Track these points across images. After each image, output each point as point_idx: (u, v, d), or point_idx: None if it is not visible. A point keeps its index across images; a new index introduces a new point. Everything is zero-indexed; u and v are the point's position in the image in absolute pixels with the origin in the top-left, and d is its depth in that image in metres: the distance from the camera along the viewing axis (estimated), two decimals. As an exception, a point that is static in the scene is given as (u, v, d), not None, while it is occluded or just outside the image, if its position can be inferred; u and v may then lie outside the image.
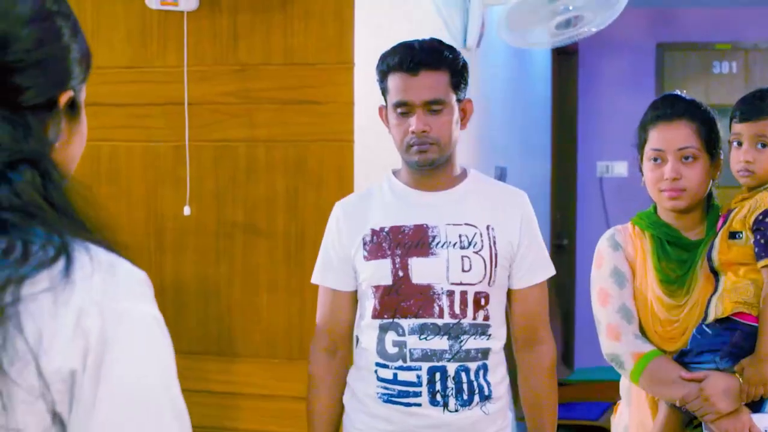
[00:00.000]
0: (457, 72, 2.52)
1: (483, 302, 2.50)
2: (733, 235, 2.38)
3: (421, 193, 2.57)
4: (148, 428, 1.07)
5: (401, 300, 2.49)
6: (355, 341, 2.66)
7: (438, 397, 2.47)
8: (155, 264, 3.38)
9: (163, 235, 3.42)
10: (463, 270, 2.49)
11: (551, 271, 2.63)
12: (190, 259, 3.40)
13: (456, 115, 2.53)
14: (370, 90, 2.87)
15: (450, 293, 2.48)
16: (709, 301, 2.39)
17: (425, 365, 2.47)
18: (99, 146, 3.43)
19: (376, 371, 2.52)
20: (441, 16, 3.88)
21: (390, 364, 2.50)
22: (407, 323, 2.48)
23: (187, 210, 3.34)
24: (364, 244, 2.54)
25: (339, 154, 3.22)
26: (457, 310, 2.48)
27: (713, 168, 2.49)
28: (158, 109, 3.41)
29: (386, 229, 2.53)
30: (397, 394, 2.49)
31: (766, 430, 2.33)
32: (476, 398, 2.48)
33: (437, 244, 2.50)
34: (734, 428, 2.32)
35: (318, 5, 3.26)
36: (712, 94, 6.77)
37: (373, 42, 3.24)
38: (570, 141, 7.00)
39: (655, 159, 2.48)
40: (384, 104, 2.58)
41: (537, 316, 2.62)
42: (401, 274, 2.49)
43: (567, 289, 6.86)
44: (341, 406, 2.63)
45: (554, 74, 6.61)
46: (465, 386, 2.47)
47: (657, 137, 2.47)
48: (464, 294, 2.49)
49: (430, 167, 2.52)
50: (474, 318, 2.49)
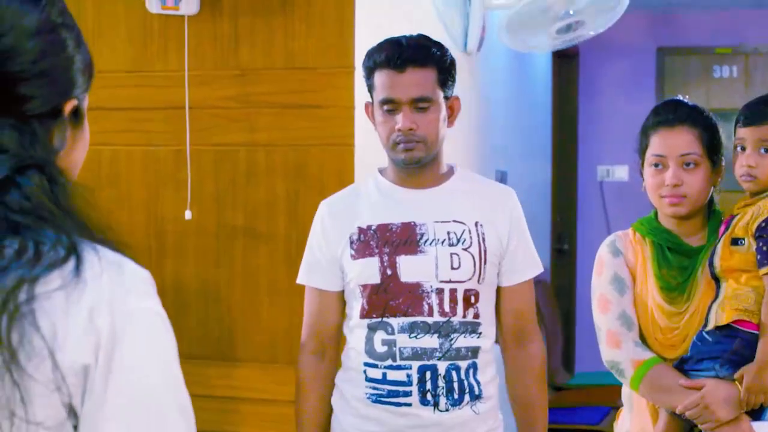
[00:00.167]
0: (445, 69, 2.48)
1: (473, 300, 2.48)
2: (736, 242, 2.36)
3: (408, 191, 2.53)
4: (154, 417, 1.12)
5: (390, 299, 2.45)
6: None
7: (428, 397, 2.43)
8: (156, 268, 3.38)
9: (164, 239, 3.42)
10: (452, 267, 2.46)
11: (540, 268, 2.61)
12: (191, 263, 3.40)
13: (443, 113, 2.49)
14: (371, 94, 2.87)
15: (439, 291, 2.45)
16: (710, 308, 2.37)
17: (416, 364, 2.43)
18: (100, 150, 3.43)
19: (365, 371, 2.49)
20: (442, 20, 3.88)
21: (379, 364, 2.46)
22: (397, 322, 2.44)
23: (189, 214, 3.34)
24: (351, 243, 2.50)
25: (339, 158, 3.22)
26: (447, 308, 2.45)
27: (715, 174, 2.47)
28: (159, 113, 3.41)
29: (373, 227, 2.50)
30: (387, 394, 2.46)
31: None
32: (467, 397, 2.45)
33: (425, 242, 2.47)
34: None
35: (319, 9, 3.26)
36: (713, 99, 6.77)
37: (374, 46, 3.24)
38: (570, 145, 7.00)
39: (656, 165, 2.46)
40: (370, 101, 2.54)
41: (526, 314, 2.59)
42: (389, 273, 2.46)
43: (567, 293, 6.85)
44: (330, 408, 2.60)
45: (555, 78, 6.61)
46: (455, 385, 2.44)
47: (658, 143, 2.46)
48: (454, 292, 2.46)
49: (417, 165, 2.49)
50: (464, 316, 2.46)
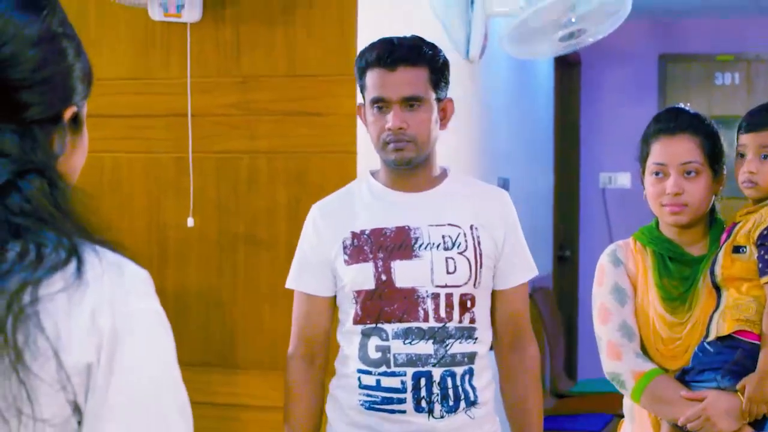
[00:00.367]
0: (437, 69, 2.45)
1: (469, 304, 2.44)
2: (737, 250, 2.34)
3: (402, 194, 2.49)
4: (154, 415, 1.15)
5: (385, 305, 2.42)
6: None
7: (423, 404, 2.40)
8: (158, 275, 3.37)
9: (166, 246, 3.42)
10: (448, 272, 2.42)
11: (534, 272, 2.58)
12: (193, 270, 3.40)
13: (435, 114, 2.45)
14: (373, 102, 2.87)
15: (435, 296, 2.41)
16: (711, 318, 2.35)
17: (410, 370, 2.40)
18: (102, 157, 3.43)
19: (359, 378, 2.45)
20: (444, 28, 3.89)
21: (373, 370, 2.43)
22: (391, 328, 2.41)
23: (191, 221, 3.34)
24: (345, 248, 2.46)
25: (341, 166, 3.22)
26: (443, 314, 2.41)
27: (716, 183, 2.45)
28: (161, 121, 3.41)
29: (367, 232, 2.45)
30: (381, 401, 2.42)
31: None
32: (462, 404, 2.42)
33: (420, 246, 2.43)
34: None
35: (321, 17, 3.27)
36: (715, 106, 6.77)
37: (376, 54, 3.24)
38: (573, 152, 7.00)
39: (657, 173, 2.44)
40: (363, 103, 2.50)
41: (521, 318, 2.57)
42: (384, 278, 2.42)
43: (570, 300, 6.85)
44: (320, 416, 2.56)
45: (557, 85, 6.61)
46: (450, 392, 2.41)
47: (659, 151, 2.44)
48: (449, 296, 2.42)
49: (407, 166, 2.44)
50: (460, 321, 2.43)
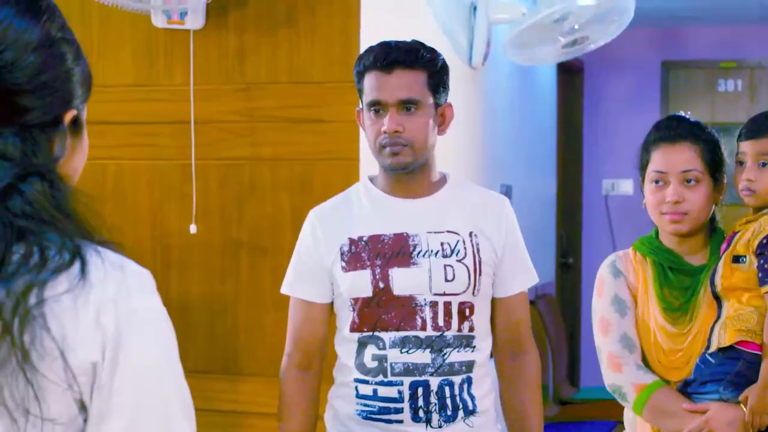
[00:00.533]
0: (435, 73, 2.41)
1: (468, 313, 2.41)
2: (737, 259, 2.32)
3: (400, 200, 2.45)
4: (157, 410, 1.18)
5: (382, 312, 2.38)
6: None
7: (420, 413, 2.37)
8: (161, 281, 3.34)
9: (169, 253, 3.42)
10: (447, 280, 2.39)
11: (535, 279, 2.55)
12: (196, 277, 3.40)
13: (432, 118, 2.41)
14: (376, 109, 2.87)
15: (433, 304, 2.38)
16: (712, 329, 2.33)
17: (407, 380, 2.37)
18: (105, 164, 3.43)
19: (356, 387, 2.42)
20: (446, 35, 3.89)
21: (370, 380, 2.40)
22: (388, 336, 2.37)
23: (194, 228, 3.34)
24: (342, 255, 2.42)
25: (344, 173, 3.22)
26: (441, 322, 2.38)
27: (716, 191, 2.43)
28: (164, 128, 3.42)
29: (365, 239, 2.41)
30: (378, 411, 2.39)
31: None
32: (460, 413, 2.39)
33: (419, 254, 2.39)
34: None
35: (324, 24, 3.27)
36: (718, 112, 6.78)
37: (379, 61, 3.25)
38: (575, 159, 7.00)
39: (657, 181, 2.42)
40: (361, 108, 2.47)
41: (522, 325, 2.54)
42: (382, 286, 2.38)
43: (572, 308, 6.84)
44: (314, 423, 2.53)
45: (560, 92, 6.61)
46: (448, 401, 2.38)
47: (659, 159, 2.42)
48: (448, 305, 2.39)
49: (404, 171, 2.41)
50: (459, 329, 2.39)
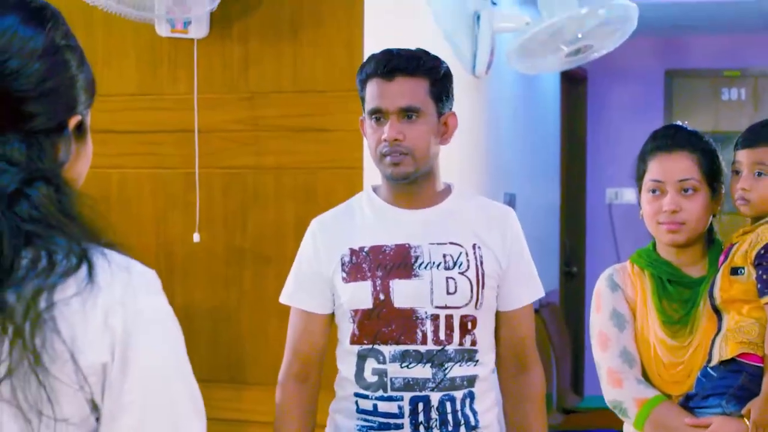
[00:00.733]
0: (438, 81, 2.37)
1: (470, 326, 2.36)
2: (735, 271, 2.29)
3: (403, 211, 2.40)
4: (167, 406, 1.20)
5: (382, 325, 2.34)
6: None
7: (421, 429, 2.32)
8: (164, 290, 3.36)
9: (172, 262, 3.42)
10: (448, 292, 2.34)
11: (541, 292, 2.49)
12: (199, 286, 3.40)
13: (434, 127, 2.37)
14: (380, 117, 2.87)
15: (434, 317, 2.33)
16: (713, 342, 2.30)
17: (407, 395, 2.32)
18: (109, 173, 3.44)
19: (357, 402, 2.38)
20: (450, 43, 3.89)
21: (370, 394, 2.35)
22: (388, 350, 2.33)
23: (197, 237, 3.35)
24: (343, 265, 2.37)
25: (348, 182, 3.22)
26: (442, 336, 2.33)
27: (714, 202, 2.40)
28: (168, 137, 3.42)
29: (366, 249, 2.37)
30: (378, 427, 2.35)
31: None
32: (462, 429, 2.34)
33: (420, 265, 2.35)
34: None
35: (328, 33, 3.27)
36: (721, 121, 6.78)
37: (383, 70, 3.25)
38: (579, 167, 7.00)
39: (654, 190, 2.41)
40: (364, 117, 2.43)
41: (526, 340, 2.48)
42: (382, 298, 2.34)
43: (576, 316, 6.83)
44: None
45: (563, 101, 6.62)
46: (450, 417, 2.33)
47: (656, 168, 2.40)
48: (449, 318, 2.34)
49: (405, 181, 2.36)
50: (461, 343, 2.34)
